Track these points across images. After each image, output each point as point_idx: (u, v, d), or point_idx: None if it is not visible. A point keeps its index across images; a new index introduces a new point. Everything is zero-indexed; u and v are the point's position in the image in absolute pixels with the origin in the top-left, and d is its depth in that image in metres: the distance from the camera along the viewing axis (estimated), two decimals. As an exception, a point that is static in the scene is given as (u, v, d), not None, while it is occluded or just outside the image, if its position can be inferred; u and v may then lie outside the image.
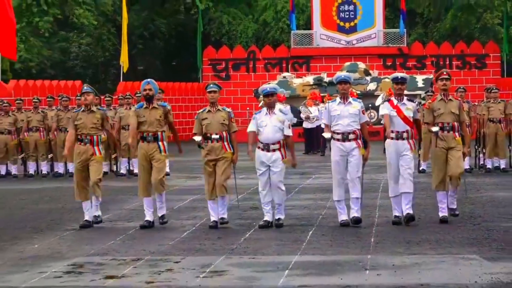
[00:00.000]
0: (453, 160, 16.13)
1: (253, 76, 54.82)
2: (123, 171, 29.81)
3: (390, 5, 57.96)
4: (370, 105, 45.12)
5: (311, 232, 16.44)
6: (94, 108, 17.44)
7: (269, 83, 49.25)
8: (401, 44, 54.99)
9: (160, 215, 17.00)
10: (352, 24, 55.33)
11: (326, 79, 50.59)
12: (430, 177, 26.71)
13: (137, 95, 33.63)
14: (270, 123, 16.20)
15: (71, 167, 29.27)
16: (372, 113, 45.24)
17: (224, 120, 16.60)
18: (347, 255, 13.98)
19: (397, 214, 16.43)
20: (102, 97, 32.22)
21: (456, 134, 16.26)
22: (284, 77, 51.37)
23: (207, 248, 14.82)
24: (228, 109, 17.04)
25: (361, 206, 16.57)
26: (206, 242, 15.42)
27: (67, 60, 57.93)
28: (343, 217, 16.41)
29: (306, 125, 40.66)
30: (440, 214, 16.47)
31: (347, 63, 51.51)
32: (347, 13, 55.31)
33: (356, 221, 16.34)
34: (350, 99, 16.45)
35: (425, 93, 36.12)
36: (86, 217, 17.14)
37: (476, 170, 28.35)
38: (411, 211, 16.08)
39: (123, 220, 17.87)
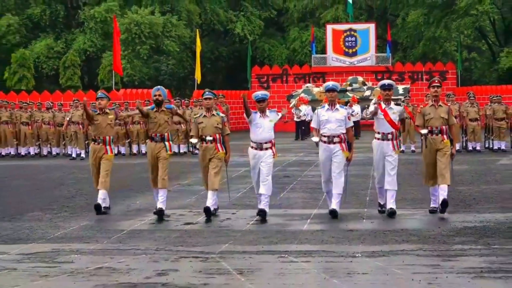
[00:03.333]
0: (442, 167, 12.81)
1: (285, 86, 54.60)
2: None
3: (380, 37, 57.58)
4: (366, 106, 44.95)
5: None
6: (107, 110, 14.49)
7: (297, 91, 49.97)
8: (387, 64, 54.63)
9: (158, 207, 13.29)
10: (353, 50, 54.99)
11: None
12: (409, 154, 26.65)
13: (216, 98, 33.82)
14: (264, 125, 13.05)
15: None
16: (368, 111, 45.22)
17: (218, 124, 13.38)
18: (350, 209, 13.92)
19: (381, 203, 13.34)
20: (182, 100, 32.20)
21: (444, 136, 12.95)
22: (307, 87, 51.14)
23: (254, 204, 14.76)
24: (222, 114, 13.84)
25: (341, 201, 13.10)
26: (253, 200, 15.35)
27: (159, 75, 58.02)
28: (333, 206, 13.00)
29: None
30: (431, 205, 13.30)
31: (350, 77, 51.31)
32: (350, 42, 54.99)
33: (333, 213, 12.88)
34: (337, 106, 13.23)
35: (404, 97, 35.97)
36: (99, 201, 13.86)
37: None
38: (394, 206, 12.91)
39: (197, 184, 17.80)
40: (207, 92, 13.66)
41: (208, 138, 13.36)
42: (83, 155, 27.93)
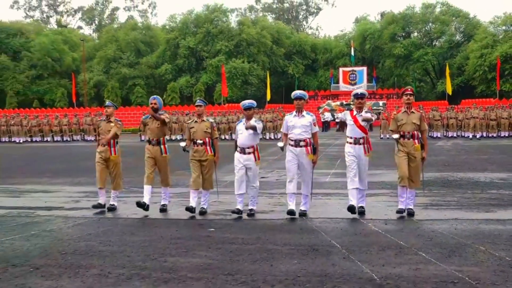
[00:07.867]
0: (412, 172, 8.29)
1: (316, 102, 53.76)
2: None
3: (369, 74, 56.26)
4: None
5: (333, 170, 16.13)
6: (111, 119, 9.43)
7: (323, 105, 49.41)
8: (373, 89, 53.38)
9: (162, 203, 8.99)
10: (354, 81, 53.57)
11: (345, 103, 49.92)
12: (385, 139, 26.01)
13: (278, 109, 33.47)
14: (246, 131, 8.45)
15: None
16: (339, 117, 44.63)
17: (207, 129, 8.80)
18: (345, 178, 13.66)
19: (351, 203, 8.16)
20: (259, 109, 31.97)
21: (416, 141, 8.23)
22: (329, 102, 50.82)
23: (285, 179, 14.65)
24: (211, 120, 9.03)
25: (308, 202, 8.54)
26: (283, 177, 15.24)
27: (246, 96, 58.04)
28: (291, 207, 8.30)
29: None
30: (398, 206, 8.34)
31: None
32: (353, 77, 53.72)
33: (303, 214, 8.31)
34: (304, 113, 8.36)
35: (383, 108, 35.38)
36: (100, 201, 9.13)
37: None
38: (363, 204, 8.52)
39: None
40: (198, 100, 9.00)
41: (199, 141, 8.82)
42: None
